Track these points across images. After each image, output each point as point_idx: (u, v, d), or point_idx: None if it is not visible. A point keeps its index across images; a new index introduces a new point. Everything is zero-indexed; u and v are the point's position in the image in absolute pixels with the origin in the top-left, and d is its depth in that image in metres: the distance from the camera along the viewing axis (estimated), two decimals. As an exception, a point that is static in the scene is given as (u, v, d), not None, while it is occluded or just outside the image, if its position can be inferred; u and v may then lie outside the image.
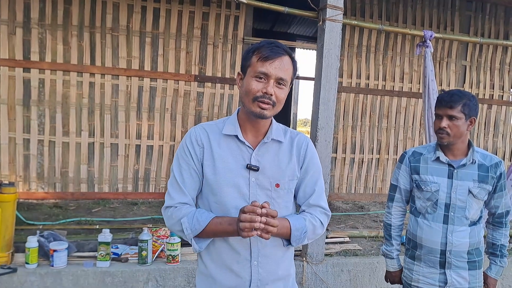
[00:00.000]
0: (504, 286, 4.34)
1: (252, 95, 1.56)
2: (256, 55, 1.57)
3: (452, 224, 2.25)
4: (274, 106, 1.58)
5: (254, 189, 1.63)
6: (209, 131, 1.67)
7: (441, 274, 2.30)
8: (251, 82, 1.56)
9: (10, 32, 5.17)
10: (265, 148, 1.67)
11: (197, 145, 1.65)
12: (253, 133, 1.67)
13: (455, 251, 2.26)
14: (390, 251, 2.53)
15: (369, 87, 6.51)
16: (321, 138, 3.76)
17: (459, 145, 2.28)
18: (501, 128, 7.12)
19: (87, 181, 5.57)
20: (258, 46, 1.59)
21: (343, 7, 3.73)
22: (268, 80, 1.55)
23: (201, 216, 1.58)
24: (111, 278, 3.43)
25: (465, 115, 2.20)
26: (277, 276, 1.68)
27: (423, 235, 2.33)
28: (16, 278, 3.26)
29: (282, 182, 1.66)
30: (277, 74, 1.54)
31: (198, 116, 5.88)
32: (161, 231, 3.84)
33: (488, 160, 2.29)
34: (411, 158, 2.41)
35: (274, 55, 1.54)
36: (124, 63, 5.58)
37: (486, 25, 6.93)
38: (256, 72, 1.55)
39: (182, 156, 1.66)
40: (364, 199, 6.61)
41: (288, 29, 10.59)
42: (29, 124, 5.33)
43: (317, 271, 3.89)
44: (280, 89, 1.57)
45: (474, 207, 2.26)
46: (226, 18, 5.89)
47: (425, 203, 2.34)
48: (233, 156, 1.64)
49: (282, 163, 1.68)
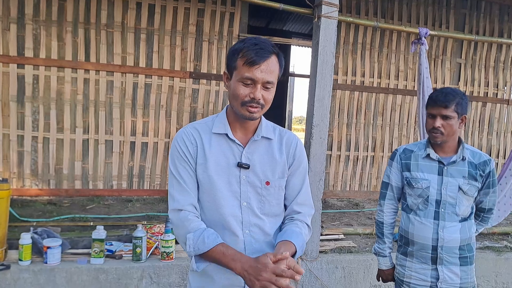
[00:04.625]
0: (498, 283, 4.37)
1: (240, 100, 1.55)
2: (241, 59, 1.53)
3: (443, 220, 2.28)
4: (263, 108, 1.58)
5: (245, 186, 1.63)
6: (200, 130, 1.67)
7: (433, 270, 2.33)
8: (238, 87, 1.54)
9: (4, 28, 5.13)
10: (255, 145, 1.67)
11: (190, 143, 1.64)
12: (242, 131, 1.67)
13: (446, 247, 2.28)
14: (382, 249, 2.54)
15: (364, 85, 6.51)
16: (316, 135, 3.76)
17: (450, 142, 2.31)
18: (496, 126, 7.15)
19: (81, 178, 5.55)
20: (242, 47, 1.55)
21: (338, 4, 3.73)
22: (255, 85, 1.53)
23: (208, 237, 1.52)
24: (105, 275, 3.42)
25: (458, 114, 2.23)
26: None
27: (415, 232, 2.36)
28: (9, 275, 3.25)
29: (272, 179, 1.66)
30: (263, 78, 1.52)
31: (193, 113, 5.86)
32: (155, 228, 3.83)
33: (477, 158, 2.31)
34: (402, 156, 2.43)
35: (260, 59, 1.51)
36: (119, 59, 5.55)
37: (481, 22, 6.95)
38: (243, 78, 1.52)
39: (177, 157, 1.64)
40: (359, 196, 6.62)
41: (284, 26, 10.57)
42: (23, 120, 5.29)
43: (312, 268, 3.90)
44: (267, 91, 1.56)
45: (464, 203, 2.29)
46: (222, 15, 5.87)
47: (416, 200, 2.36)
48: (223, 154, 1.64)
49: (272, 160, 1.68)
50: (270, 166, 1.67)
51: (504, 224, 5.09)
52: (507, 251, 4.50)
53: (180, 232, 1.59)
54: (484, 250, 4.48)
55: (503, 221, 4.44)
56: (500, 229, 4.96)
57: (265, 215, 1.67)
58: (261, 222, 1.66)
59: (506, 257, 4.40)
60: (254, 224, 1.65)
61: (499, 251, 4.48)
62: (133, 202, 5.45)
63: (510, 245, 4.62)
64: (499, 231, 4.98)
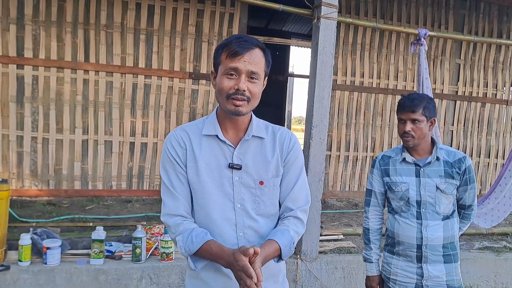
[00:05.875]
0: (497, 284, 4.37)
1: (225, 93, 1.53)
2: (225, 52, 1.54)
3: (425, 219, 2.37)
4: (249, 102, 1.55)
5: (238, 188, 1.61)
6: (190, 132, 1.65)
7: (418, 268, 2.40)
8: (222, 80, 1.54)
9: (4, 29, 5.13)
10: (246, 145, 1.64)
11: (179, 147, 1.62)
12: (233, 131, 1.65)
13: (430, 245, 2.36)
14: (369, 255, 2.58)
15: (363, 85, 6.52)
16: (315, 135, 3.77)
17: (423, 145, 2.41)
18: (495, 127, 7.15)
19: (81, 179, 5.55)
20: (226, 42, 1.56)
21: (338, 5, 3.74)
22: (239, 76, 1.52)
23: (196, 237, 1.54)
24: (104, 276, 3.42)
25: (426, 117, 2.35)
26: (268, 273, 1.64)
27: (400, 231, 2.43)
28: (9, 276, 3.25)
29: (266, 179, 1.64)
30: (247, 68, 1.51)
31: (192, 114, 5.86)
32: (155, 229, 3.83)
33: (452, 156, 2.40)
34: (381, 162, 2.53)
35: (242, 50, 1.51)
36: (119, 60, 5.55)
37: (480, 23, 6.95)
38: (227, 69, 1.52)
39: (167, 161, 1.63)
40: (358, 196, 6.62)
41: (283, 26, 10.58)
42: (23, 121, 5.29)
43: (311, 269, 3.90)
44: (253, 83, 1.55)
45: (444, 201, 2.37)
46: (221, 16, 5.87)
47: (399, 203, 2.44)
48: (214, 156, 1.62)
49: (265, 160, 1.65)
50: (263, 166, 1.64)
51: (503, 224, 5.10)
52: (506, 251, 4.51)
53: (172, 236, 1.62)
54: (484, 250, 4.49)
55: (502, 221, 4.45)
56: (499, 229, 4.97)
57: (260, 216, 1.64)
58: (256, 224, 1.64)
59: (505, 257, 4.41)
60: (248, 226, 1.63)
61: (498, 251, 4.49)
62: (133, 202, 5.46)
63: (509, 245, 4.63)
64: (498, 231, 4.99)
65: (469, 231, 4.74)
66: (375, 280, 2.57)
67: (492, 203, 4.27)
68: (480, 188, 7.10)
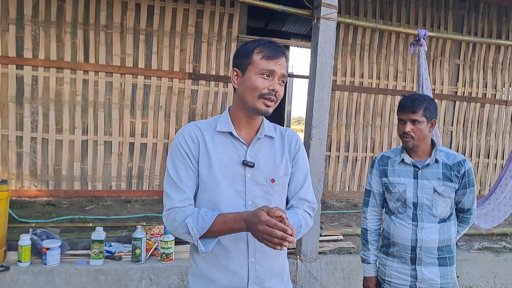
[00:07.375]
0: (497, 284, 4.38)
1: (258, 92, 1.58)
2: (258, 54, 1.59)
3: (421, 221, 2.35)
4: (276, 103, 1.62)
5: (250, 185, 1.63)
6: (202, 129, 1.66)
7: (412, 270, 2.39)
8: (256, 79, 1.58)
9: (3, 29, 5.13)
10: (259, 144, 1.68)
11: (192, 142, 1.63)
12: (246, 130, 1.68)
13: (425, 247, 2.34)
14: (367, 256, 2.57)
15: (363, 86, 6.52)
16: (315, 136, 3.77)
17: (423, 146, 2.39)
18: (494, 127, 7.16)
19: (80, 179, 5.55)
20: (258, 44, 1.62)
21: (337, 5, 3.73)
22: (273, 78, 1.59)
23: (206, 214, 1.53)
24: (104, 277, 3.42)
25: (427, 119, 2.32)
26: (274, 272, 1.68)
27: (395, 232, 2.42)
28: (8, 277, 3.24)
29: (277, 177, 1.67)
30: (281, 71, 1.60)
31: (192, 114, 5.86)
32: (155, 229, 3.83)
33: (452, 159, 2.37)
34: (380, 162, 2.52)
35: (278, 54, 1.60)
36: (118, 60, 5.55)
37: (479, 24, 6.96)
38: (262, 70, 1.58)
39: (177, 155, 1.63)
40: (357, 197, 6.62)
41: (283, 27, 10.58)
42: (22, 121, 5.29)
43: (311, 269, 3.90)
44: (281, 86, 1.62)
45: (441, 204, 2.35)
46: (221, 16, 5.88)
47: (396, 204, 2.43)
48: (227, 153, 1.64)
49: (276, 158, 1.69)
50: (274, 164, 1.68)
51: (502, 225, 5.09)
52: (505, 251, 4.51)
53: (176, 224, 1.57)
54: (483, 251, 4.49)
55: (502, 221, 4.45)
56: (499, 229, 4.97)
57: None
58: None
59: (505, 257, 4.41)
60: None
61: (497, 251, 4.49)
62: (132, 203, 5.45)
63: (508, 245, 4.64)
64: (498, 231, 4.99)
65: (469, 232, 4.73)
66: (372, 281, 2.57)
67: (493, 203, 4.27)
68: (480, 189, 7.11)
